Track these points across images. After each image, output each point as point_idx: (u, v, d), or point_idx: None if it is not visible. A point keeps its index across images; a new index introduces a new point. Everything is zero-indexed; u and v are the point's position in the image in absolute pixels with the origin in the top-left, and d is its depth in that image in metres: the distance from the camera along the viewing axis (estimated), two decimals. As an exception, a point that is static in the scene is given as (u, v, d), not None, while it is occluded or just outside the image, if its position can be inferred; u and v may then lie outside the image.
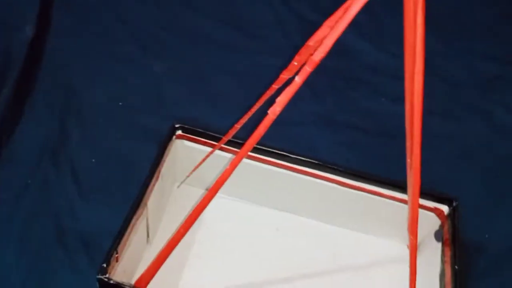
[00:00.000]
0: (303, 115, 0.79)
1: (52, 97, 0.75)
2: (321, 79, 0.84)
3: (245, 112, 0.77)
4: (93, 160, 0.69)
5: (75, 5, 0.87)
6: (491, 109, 0.84)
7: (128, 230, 0.51)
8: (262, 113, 0.51)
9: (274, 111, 0.36)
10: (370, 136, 0.78)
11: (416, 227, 0.41)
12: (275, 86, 0.42)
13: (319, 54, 0.32)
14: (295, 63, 0.38)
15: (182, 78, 0.82)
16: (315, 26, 1.01)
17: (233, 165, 0.40)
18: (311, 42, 0.36)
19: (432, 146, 0.78)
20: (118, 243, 0.50)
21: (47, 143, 0.70)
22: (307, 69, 0.33)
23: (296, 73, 0.36)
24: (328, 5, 0.99)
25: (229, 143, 0.59)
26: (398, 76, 0.85)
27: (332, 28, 0.31)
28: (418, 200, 0.39)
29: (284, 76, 0.40)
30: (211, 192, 0.43)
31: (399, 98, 0.81)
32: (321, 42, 0.34)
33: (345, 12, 0.30)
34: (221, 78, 0.83)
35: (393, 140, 0.77)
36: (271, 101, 0.48)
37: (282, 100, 0.35)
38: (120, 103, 0.77)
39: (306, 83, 0.36)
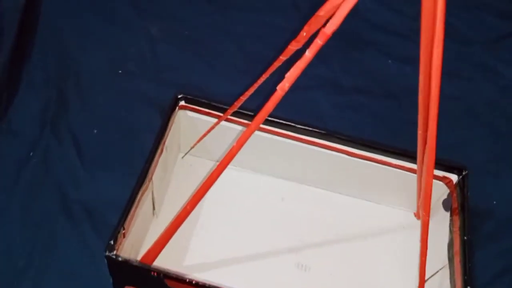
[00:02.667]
0: (308, 79, 0.77)
1: (49, 64, 0.73)
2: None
3: (245, 76, 0.75)
4: (95, 130, 0.68)
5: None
6: (500, 68, 0.81)
7: (134, 205, 0.51)
8: (267, 82, 0.49)
9: (283, 87, 0.34)
10: (376, 99, 0.76)
11: (429, 204, 0.40)
12: (282, 58, 0.40)
13: (331, 27, 0.30)
14: (304, 34, 0.36)
15: (180, 41, 0.79)
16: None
17: (241, 141, 0.39)
18: (322, 12, 0.33)
19: (439, 106, 0.76)
20: (125, 219, 0.49)
21: (46, 113, 0.68)
22: (319, 42, 0.31)
23: (305, 45, 0.34)
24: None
25: (233, 113, 0.57)
26: (405, 35, 0.83)
27: (345, -2, 0.29)
28: (432, 179, 0.38)
29: (292, 47, 0.37)
30: (219, 168, 0.42)
31: (407, 59, 0.80)
32: (332, 12, 0.31)
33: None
34: (220, 40, 0.80)
35: (400, 102, 0.75)
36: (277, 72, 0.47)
37: (291, 76, 0.33)
38: (120, 71, 0.74)
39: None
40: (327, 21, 0.32)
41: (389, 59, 0.80)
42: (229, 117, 0.57)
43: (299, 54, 0.39)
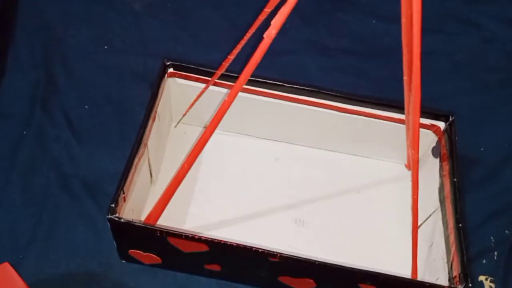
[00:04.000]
0: (293, 42, 0.78)
1: (33, 43, 0.73)
2: (309, 3, 0.82)
3: (231, 44, 0.76)
4: (86, 106, 0.68)
5: None
6: (481, 21, 0.83)
7: (132, 170, 0.52)
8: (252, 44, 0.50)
9: (270, 34, 0.35)
10: (363, 59, 0.77)
11: (418, 142, 0.41)
12: (267, 10, 0.41)
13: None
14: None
15: (163, 14, 0.79)
16: None
17: (232, 96, 0.40)
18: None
19: (424, 62, 0.77)
20: (124, 183, 0.50)
21: (36, 93, 0.68)
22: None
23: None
24: None
25: (222, 77, 0.58)
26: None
27: None
28: (419, 116, 0.40)
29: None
30: (212, 126, 0.43)
31: (390, 18, 0.81)
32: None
33: None
34: (203, 11, 0.80)
35: (386, 60, 0.77)
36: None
37: (277, 22, 0.34)
38: (105, 47, 0.74)
39: (295, 8, 0.35)
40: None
41: (373, 19, 0.81)
42: (218, 81, 0.58)
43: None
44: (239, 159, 0.64)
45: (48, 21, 0.75)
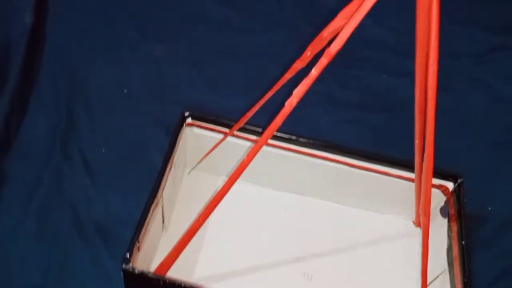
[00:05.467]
0: (305, 95, 0.80)
1: (57, 85, 0.76)
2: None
3: (248, 93, 0.78)
4: (103, 149, 0.70)
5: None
6: (490, 80, 0.85)
7: (147, 219, 0.53)
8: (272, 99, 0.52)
9: (291, 103, 0.37)
10: (373, 113, 0.79)
11: (429, 208, 0.42)
12: (287, 76, 0.43)
13: (336, 47, 0.33)
14: (308, 53, 0.39)
15: (183, 61, 0.82)
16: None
17: (251, 156, 0.41)
18: (326, 33, 0.36)
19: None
20: (139, 233, 0.51)
21: (56, 134, 0.71)
22: (324, 61, 0.34)
23: (309, 64, 0.37)
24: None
25: (238, 129, 0.60)
26: (397, 50, 0.87)
27: (347, 19, 0.32)
28: (431, 185, 0.41)
29: (297, 65, 0.40)
30: (229, 182, 0.44)
31: (400, 74, 0.83)
32: (335, 33, 0.34)
33: (360, 4, 0.31)
34: (220, 59, 0.83)
35: (396, 115, 0.78)
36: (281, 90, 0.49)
37: (299, 92, 0.36)
38: (125, 90, 0.77)
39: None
40: (330, 41, 0.35)
41: (383, 74, 0.84)
42: (234, 132, 0.60)
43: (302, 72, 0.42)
44: (249, 209, 0.65)
45: (72, 64, 0.78)
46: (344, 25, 0.32)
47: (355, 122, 0.77)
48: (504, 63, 0.87)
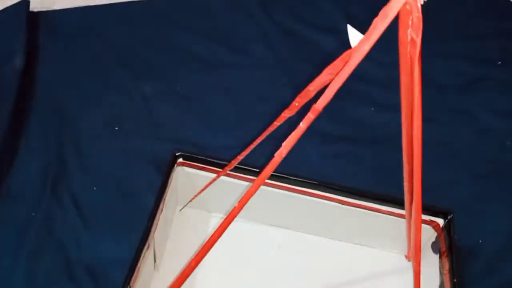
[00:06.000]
0: (293, 128, 0.81)
1: (46, 126, 0.76)
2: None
3: (237, 129, 0.79)
4: (94, 188, 0.70)
5: (61, 32, 0.87)
6: (475, 111, 0.86)
7: (139, 262, 0.53)
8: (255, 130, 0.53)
9: (281, 154, 0.37)
10: (362, 146, 0.80)
11: (419, 255, 0.43)
12: (276, 123, 0.44)
13: (321, 103, 0.34)
14: (296, 104, 0.40)
15: (173, 98, 0.83)
16: (297, 36, 1.02)
17: (242, 203, 0.42)
18: (312, 87, 0.37)
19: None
20: (131, 277, 0.51)
21: (46, 175, 0.70)
22: (311, 117, 0.35)
23: (297, 113, 0.37)
24: (309, 15, 1.00)
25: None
26: (384, 83, 0.88)
27: (331, 76, 0.33)
28: (420, 235, 0.41)
29: (285, 114, 0.41)
30: (221, 228, 0.45)
31: (388, 107, 0.84)
32: (320, 87, 0.35)
33: (344, 63, 0.32)
34: (210, 95, 0.84)
35: (385, 148, 0.79)
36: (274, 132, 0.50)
37: (287, 144, 0.36)
38: (116, 128, 0.77)
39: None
40: (317, 94, 0.36)
41: (372, 107, 0.85)
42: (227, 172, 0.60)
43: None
44: (242, 245, 0.66)
45: (61, 104, 0.78)
46: (329, 81, 0.33)
47: (345, 156, 0.78)
48: (488, 94, 0.89)
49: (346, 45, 0.97)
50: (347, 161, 0.77)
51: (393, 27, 0.39)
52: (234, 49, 0.91)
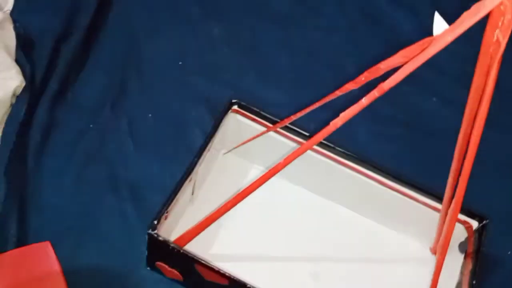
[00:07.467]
0: (350, 103, 0.81)
1: (115, 49, 0.79)
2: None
3: (295, 89, 0.79)
4: (150, 115, 0.74)
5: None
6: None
7: (179, 193, 0.56)
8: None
9: (336, 124, 0.38)
10: (414, 133, 0.79)
11: (446, 250, 0.44)
12: (338, 93, 0.44)
13: (389, 84, 0.34)
14: (363, 78, 0.40)
15: (239, 45, 0.84)
16: (376, 8, 0.99)
17: (288, 161, 0.44)
18: (383, 65, 0.37)
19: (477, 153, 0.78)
20: (169, 204, 0.55)
21: (108, 93, 0.74)
22: (375, 94, 0.35)
23: (360, 88, 0.38)
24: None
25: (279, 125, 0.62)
26: (455, 76, 0.86)
27: (406, 59, 0.33)
28: (453, 228, 0.42)
29: (350, 86, 0.42)
30: (263, 179, 0.47)
31: (451, 101, 0.82)
32: (391, 67, 0.36)
33: (422, 50, 0.32)
34: (275, 51, 0.85)
35: (436, 141, 0.78)
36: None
37: (345, 116, 0.37)
38: (180, 63, 0.80)
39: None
40: (386, 73, 0.36)
41: (434, 97, 0.83)
42: (276, 129, 0.62)
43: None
44: (276, 201, 0.67)
45: (133, 30, 0.81)
46: (402, 64, 0.33)
47: (393, 139, 0.78)
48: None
49: (424, 30, 0.94)
50: (393, 144, 0.77)
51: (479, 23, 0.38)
52: (310, 9, 0.90)
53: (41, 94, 0.71)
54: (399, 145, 0.77)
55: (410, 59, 0.33)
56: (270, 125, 0.62)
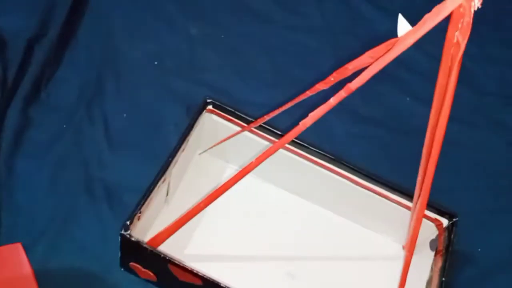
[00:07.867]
0: (325, 101, 0.81)
1: (92, 46, 0.78)
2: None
3: (272, 89, 0.80)
4: (125, 114, 0.73)
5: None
6: (510, 124, 0.85)
7: (153, 192, 0.56)
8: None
9: (305, 123, 0.39)
10: (388, 132, 0.80)
11: (414, 247, 0.44)
12: (308, 93, 0.45)
13: (356, 84, 0.34)
14: (332, 79, 0.41)
15: (216, 45, 0.84)
16: (357, 10, 1.00)
17: (260, 160, 0.44)
18: (351, 66, 0.38)
19: (444, 151, 0.79)
20: (143, 204, 0.54)
21: (83, 92, 0.74)
22: (342, 94, 0.36)
23: (332, 87, 0.39)
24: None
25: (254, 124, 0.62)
26: (427, 75, 0.87)
27: (372, 59, 0.34)
28: (419, 228, 0.43)
29: (320, 86, 0.42)
30: (237, 177, 0.47)
31: (424, 100, 0.83)
32: (358, 68, 0.36)
33: (387, 50, 0.32)
34: (253, 50, 0.85)
35: (411, 140, 0.79)
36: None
37: (314, 116, 0.38)
38: (156, 63, 0.79)
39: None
40: (355, 73, 0.36)
41: (408, 97, 0.85)
42: (251, 129, 0.62)
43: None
44: (250, 201, 0.68)
45: (109, 29, 0.81)
46: (369, 64, 0.34)
47: (368, 138, 0.79)
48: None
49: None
50: (368, 143, 0.78)
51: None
52: (289, 10, 0.90)
53: (14, 95, 0.70)
54: (375, 145, 0.78)
55: (375, 60, 0.34)
56: (246, 124, 0.63)
